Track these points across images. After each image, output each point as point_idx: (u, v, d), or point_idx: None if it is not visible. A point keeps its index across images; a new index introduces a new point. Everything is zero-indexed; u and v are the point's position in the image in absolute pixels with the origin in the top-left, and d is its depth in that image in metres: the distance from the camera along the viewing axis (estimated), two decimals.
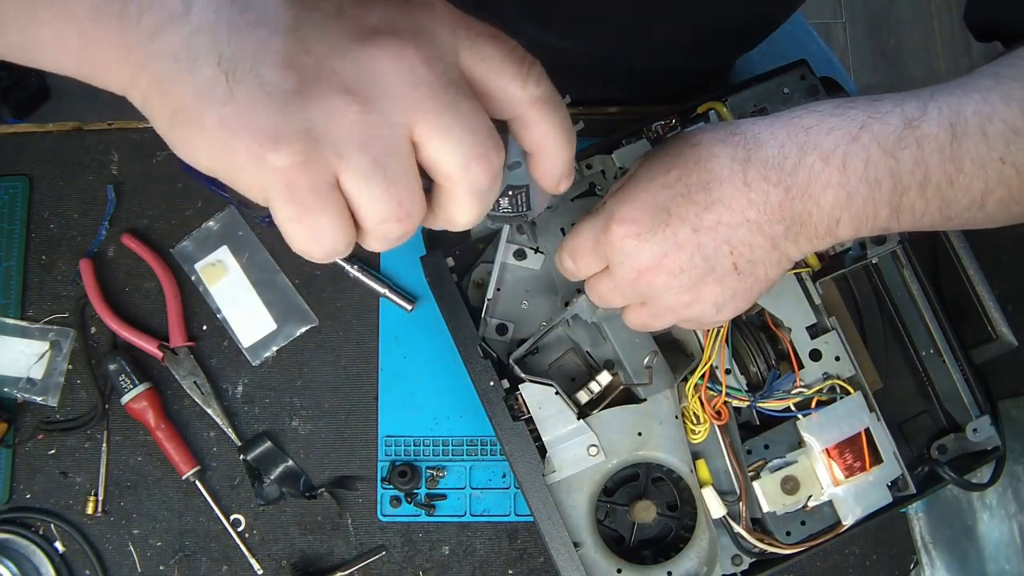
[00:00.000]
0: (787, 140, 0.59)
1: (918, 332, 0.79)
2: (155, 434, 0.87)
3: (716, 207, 0.59)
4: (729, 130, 0.61)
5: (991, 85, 0.59)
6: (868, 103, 0.59)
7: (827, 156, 0.58)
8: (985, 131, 0.58)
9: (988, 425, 0.76)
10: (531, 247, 0.78)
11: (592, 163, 0.77)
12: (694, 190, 0.59)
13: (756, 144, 0.59)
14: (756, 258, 0.60)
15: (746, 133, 0.60)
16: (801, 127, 0.59)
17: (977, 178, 0.58)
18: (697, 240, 0.59)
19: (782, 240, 0.60)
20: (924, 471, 0.78)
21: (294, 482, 0.87)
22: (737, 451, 0.73)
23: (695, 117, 0.77)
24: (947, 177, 0.58)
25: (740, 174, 0.59)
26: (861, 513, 0.72)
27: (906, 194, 0.58)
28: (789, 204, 0.58)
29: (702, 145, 0.60)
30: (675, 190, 0.59)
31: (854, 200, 0.58)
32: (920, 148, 0.57)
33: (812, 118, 0.59)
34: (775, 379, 0.73)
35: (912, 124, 0.58)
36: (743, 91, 0.77)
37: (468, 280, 0.78)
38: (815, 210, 0.58)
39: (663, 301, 0.62)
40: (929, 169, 0.58)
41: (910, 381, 0.80)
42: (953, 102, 0.59)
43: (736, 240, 0.59)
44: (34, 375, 0.89)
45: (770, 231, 0.59)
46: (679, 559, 0.74)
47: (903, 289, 0.78)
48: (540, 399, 0.73)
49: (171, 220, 0.92)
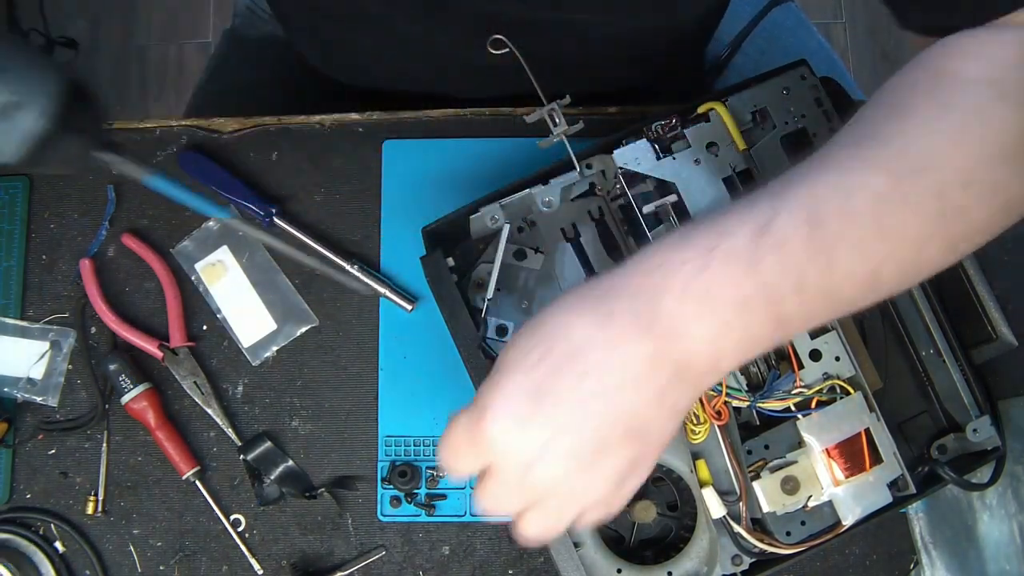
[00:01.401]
0: (642, 286, 0.54)
1: (918, 332, 0.79)
2: (155, 434, 0.87)
3: (589, 376, 0.54)
4: (582, 293, 0.56)
5: (851, 153, 0.56)
6: (713, 222, 0.55)
7: (684, 294, 0.53)
8: (848, 210, 0.54)
9: (988, 425, 0.76)
10: (531, 247, 0.78)
11: (592, 163, 0.77)
12: (563, 363, 0.54)
13: (615, 298, 0.55)
14: (645, 418, 0.55)
15: (602, 289, 0.56)
16: (654, 268, 0.55)
17: (858, 261, 0.54)
18: (579, 416, 0.54)
19: (668, 392, 0.55)
20: (924, 471, 0.77)
21: (294, 482, 0.87)
22: (737, 451, 0.73)
23: (695, 117, 0.77)
24: (823, 271, 0.54)
25: (604, 335, 0.54)
26: (861, 513, 0.72)
27: (784, 303, 0.54)
28: (662, 354, 0.54)
29: (559, 315, 0.56)
30: (543, 369, 0.54)
31: (729, 330, 0.54)
32: (781, 252, 0.53)
33: (661, 256, 0.55)
34: (775, 379, 0.73)
35: (765, 230, 0.53)
36: (743, 91, 0.77)
37: (468, 280, 0.78)
38: (691, 351, 0.54)
39: (559, 493, 0.55)
40: (800, 270, 0.54)
41: (910, 381, 0.80)
42: (807, 189, 0.55)
43: (620, 405, 0.54)
44: (34, 375, 0.89)
45: (652, 386, 0.54)
46: (679, 559, 0.74)
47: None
48: None
49: (171, 220, 0.92)
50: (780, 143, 0.76)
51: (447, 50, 0.92)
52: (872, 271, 0.55)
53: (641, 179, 0.76)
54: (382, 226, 0.92)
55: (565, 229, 0.79)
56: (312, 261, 0.81)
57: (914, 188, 0.54)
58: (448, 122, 0.94)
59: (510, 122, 0.93)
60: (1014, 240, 0.90)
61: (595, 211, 0.79)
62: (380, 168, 0.93)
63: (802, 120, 0.77)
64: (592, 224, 0.79)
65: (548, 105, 0.73)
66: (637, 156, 0.75)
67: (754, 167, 0.75)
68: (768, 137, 0.76)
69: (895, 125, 0.57)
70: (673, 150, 0.76)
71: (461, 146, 0.93)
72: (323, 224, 0.92)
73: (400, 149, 0.93)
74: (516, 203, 0.77)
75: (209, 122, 0.94)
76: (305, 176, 0.93)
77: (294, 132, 0.94)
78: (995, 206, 0.57)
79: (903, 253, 0.55)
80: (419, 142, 0.93)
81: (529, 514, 0.57)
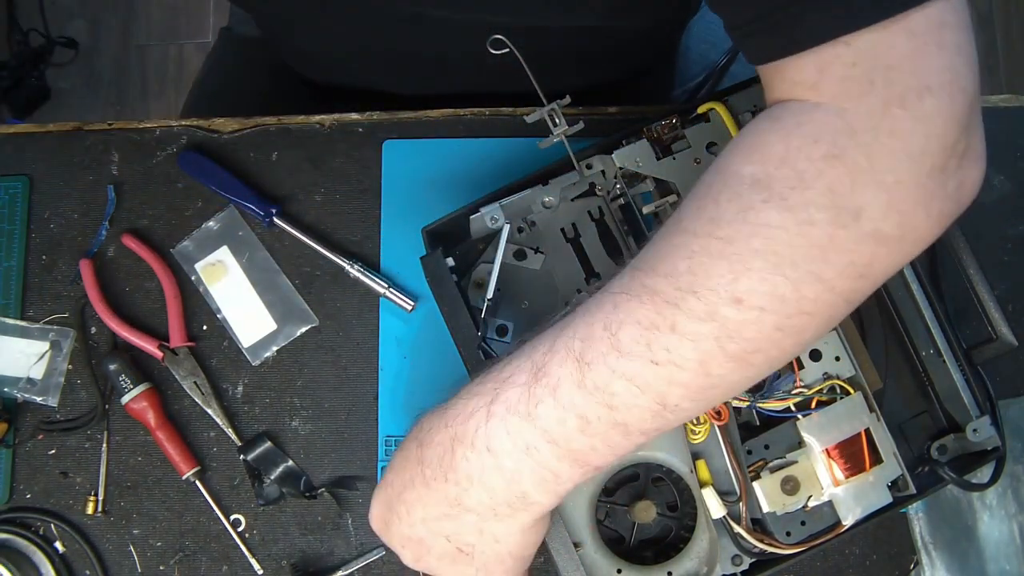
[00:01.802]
0: (441, 435, 0.60)
1: (918, 332, 0.79)
2: (155, 434, 0.87)
3: (416, 506, 0.61)
4: (418, 427, 0.63)
5: (626, 284, 0.56)
6: (502, 366, 0.59)
7: (471, 443, 0.58)
8: (617, 345, 0.54)
9: (988, 425, 0.76)
10: (531, 247, 0.78)
11: (592, 163, 0.77)
12: (402, 490, 0.62)
13: (428, 443, 0.61)
14: (473, 541, 0.61)
15: (422, 431, 0.62)
16: (450, 417, 0.60)
17: (637, 393, 0.54)
18: (415, 536, 0.62)
19: (485, 524, 0.60)
20: (924, 471, 0.77)
21: (294, 482, 0.87)
22: (737, 451, 0.73)
23: (695, 117, 0.77)
24: (604, 407, 0.55)
25: (420, 475, 0.61)
26: (861, 513, 0.72)
27: (573, 442, 0.56)
28: (466, 495, 0.59)
29: (403, 447, 0.63)
30: (392, 490, 0.63)
31: (521, 474, 0.57)
32: (556, 395, 0.55)
33: (458, 406, 0.60)
34: (775, 379, 0.73)
35: (540, 373, 0.56)
36: (743, 91, 0.77)
37: (468, 280, 0.79)
38: (491, 493, 0.58)
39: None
40: (580, 410, 0.55)
41: (910, 381, 0.80)
42: (584, 324, 0.56)
43: (447, 530, 0.61)
44: (34, 375, 0.89)
45: (467, 519, 0.60)
46: (679, 559, 0.74)
47: (903, 289, 0.78)
48: None
49: (171, 220, 0.92)
50: None
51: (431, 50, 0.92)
52: (656, 400, 0.55)
53: (641, 179, 0.76)
54: (382, 226, 0.92)
55: (565, 229, 0.79)
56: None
57: (680, 313, 0.53)
58: (448, 122, 0.94)
59: (510, 122, 0.93)
60: (1014, 240, 0.91)
61: (595, 211, 0.79)
62: (380, 168, 0.93)
63: None
64: (592, 224, 0.80)
65: (548, 105, 0.73)
66: (637, 156, 0.76)
67: None
68: None
69: (671, 242, 0.56)
70: (673, 150, 0.76)
71: (461, 146, 0.93)
72: (323, 224, 0.92)
73: (400, 149, 0.93)
74: (516, 203, 0.77)
75: (209, 122, 0.94)
76: (305, 176, 0.93)
77: (294, 132, 0.94)
78: (781, 315, 0.54)
79: (685, 377, 0.54)
80: (419, 142, 0.93)
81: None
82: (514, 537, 0.61)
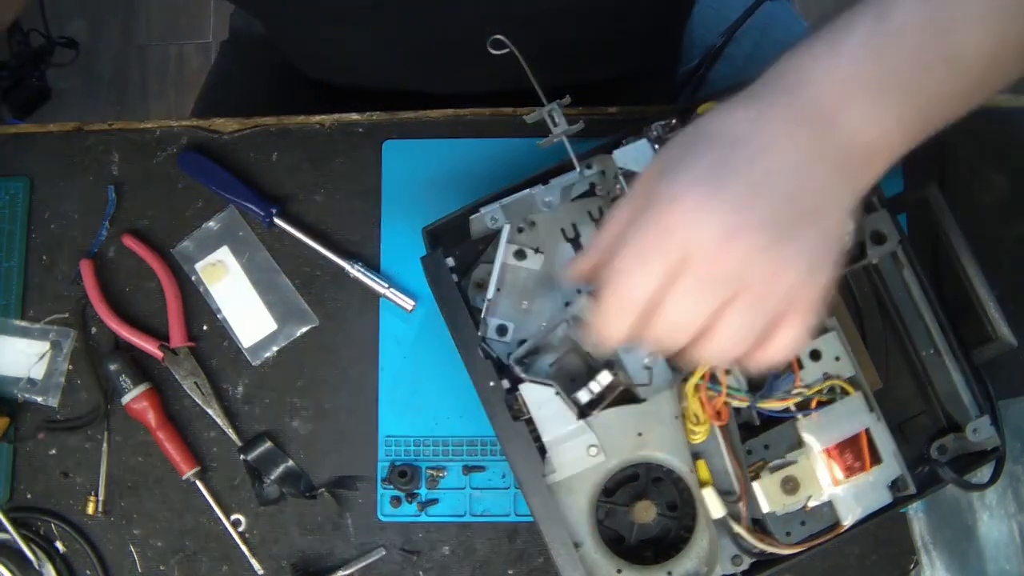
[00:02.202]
0: (787, 84, 0.57)
1: (918, 332, 0.79)
2: (155, 434, 0.87)
3: (756, 161, 0.55)
4: (731, 100, 0.58)
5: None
6: (830, 26, 0.57)
7: (826, 81, 0.56)
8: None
9: (988, 425, 0.76)
10: (531, 247, 0.78)
11: (592, 163, 0.77)
12: (729, 152, 0.56)
13: (766, 95, 0.57)
14: (815, 203, 0.56)
15: (750, 93, 0.58)
16: (789, 70, 0.57)
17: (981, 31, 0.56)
18: (755, 194, 0.54)
19: (832, 181, 0.56)
20: (924, 471, 0.78)
21: (294, 482, 0.87)
22: (737, 451, 0.73)
23: (694, 118, 0.77)
24: (944, 45, 0.56)
25: (763, 125, 0.56)
26: (861, 513, 0.72)
27: (920, 81, 0.56)
28: (821, 140, 0.56)
29: (715, 117, 0.58)
30: (711, 157, 0.56)
31: (881, 110, 0.56)
32: (905, 35, 0.56)
33: (793, 60, 0.57)
34: (775, 379, 0.73)
35: (882, 18, 0.56)
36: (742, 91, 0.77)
37: (468, 280, 0.79)
38: (848, 135, 0.56)
39: (752, 282, 0.55)
40: (924, 49, 0.56)
41: (910, 381, 0.80)
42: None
43: (790, 185, 0.55)
44: (35, 375, 0.89)
45: (818, 171, 0.56)
46: (679, 559, 0.74)
47: (903, 289, 0.78)
48: (540, 399, 0.73)
49: (171, 220, 0.92)
50: None
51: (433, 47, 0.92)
52: (999, 41, 0.56)
53: None
54: (382, 226, 0.92)
55: (565, 229, 0.79)
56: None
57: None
58: (448, 122, 0.94)
59: (510, 122, 0.93)
60: (1014, 240, 0.91)
61: (595, 211, 0.79)
62: (380, 168, 0.93)
63: None
64: (592, 224, 0.79)
65: (548, 105, 0.73)
66: (637, 156, 0.75)
67: None
68: None
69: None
70: None
71: (461, 146, 0.93)
72: (323, 224, 0.92)
73: (400, 149, 0.93)
74: (516, 203, 0.77)
75: (209, 122, 0.94)
76: (305, 176, 0.93)
77: (294, 132, 0.94)
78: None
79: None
80: (419, 142, 0.93)
81: (728, 316, 0.56)
82: (850, 203, 0.58)
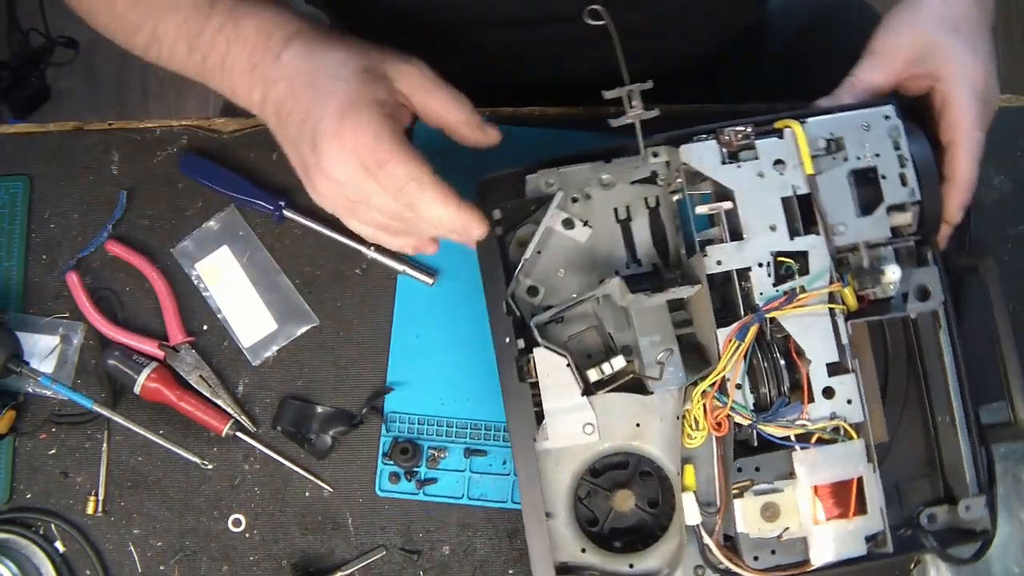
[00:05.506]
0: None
1: (939, 396, 0.78)
2: (180, 407, 0.88)
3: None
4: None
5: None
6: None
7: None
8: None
9: (982, 506, 0.74)
10: (581, 219, 0.78)
11: (659, 152, 0.77)
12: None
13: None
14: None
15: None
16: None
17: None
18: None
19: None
20: (909, 533, 0.77)
21: (337, 422, 0.89)
22: (727, 465, 0.73)
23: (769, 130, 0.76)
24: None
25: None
26: (832, 558, 0.72)
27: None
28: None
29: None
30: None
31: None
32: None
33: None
34: (783, 405, 0.72)
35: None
36: (823, 116, 0.76)
37: (512, 236, 0.79)
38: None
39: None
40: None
41: (920, 441, 0.79)
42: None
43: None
44: (44, 369, 0.90)
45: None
46: (644, 555, 0.75)
47: (935, 350, 0.77)
48: (550, 367, 0.74)
49: (171, 220, 0.92)
50: (848, 177, 0.75)
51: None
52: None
53: (702, 178, 0.76)
54: None
55: (618, 210, 0.79)
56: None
57: None
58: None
59: (526, 118, 0.94)
60: (1014, 240, 0.90)
61: (651, 199, 0.79)
62: None
63: (875, 159, 0.75)
64: (646, 211, 0.80)
65: (629, 86, 0.72)
66: (703, 155, 0.74)
67: (816, 194, 0.73)
68: (837, 168, 0.74)
69: None
70: (740, 158, 0.75)
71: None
72: (329, 217, 0.88)
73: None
74: (575, 173, 0.77)
75: (209, 122, 0.94)
76: None
77: None
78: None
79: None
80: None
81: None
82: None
